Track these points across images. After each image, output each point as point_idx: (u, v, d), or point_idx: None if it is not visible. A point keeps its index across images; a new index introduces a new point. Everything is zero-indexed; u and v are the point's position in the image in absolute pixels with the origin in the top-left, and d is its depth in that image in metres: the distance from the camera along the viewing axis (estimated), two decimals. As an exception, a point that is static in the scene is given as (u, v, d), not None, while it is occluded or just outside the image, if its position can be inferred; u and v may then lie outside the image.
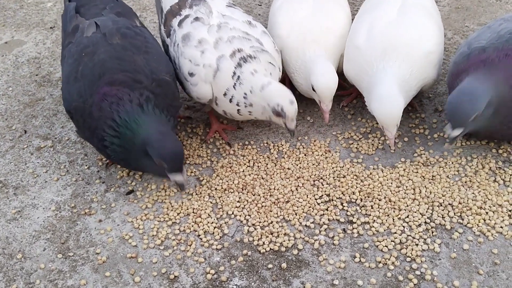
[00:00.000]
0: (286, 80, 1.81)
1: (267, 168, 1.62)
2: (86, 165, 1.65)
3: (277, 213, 1.49)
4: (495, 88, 1.42)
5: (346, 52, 1.71)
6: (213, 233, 1.46)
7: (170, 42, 1.65)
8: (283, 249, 1.41)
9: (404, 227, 1.44)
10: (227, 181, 1.58)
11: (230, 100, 1.55)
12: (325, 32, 1.68)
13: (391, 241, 1.41)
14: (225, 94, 1.54)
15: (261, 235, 1.44)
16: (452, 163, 1.60)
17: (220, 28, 1.57)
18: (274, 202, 1.52)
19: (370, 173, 1.58)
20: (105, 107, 1.42)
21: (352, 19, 1.82)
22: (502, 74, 1.44)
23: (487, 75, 1.45)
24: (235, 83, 1.52)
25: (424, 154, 1.64)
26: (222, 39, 1.55)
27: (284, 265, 1.37)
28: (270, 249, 1.41)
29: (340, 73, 1.73)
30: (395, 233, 1.43)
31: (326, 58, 1.64)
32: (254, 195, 1.54)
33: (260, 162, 1.64)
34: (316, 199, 1.53)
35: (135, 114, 1.41)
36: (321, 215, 1.49)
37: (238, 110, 1.56)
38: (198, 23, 1.59)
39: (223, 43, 1.54)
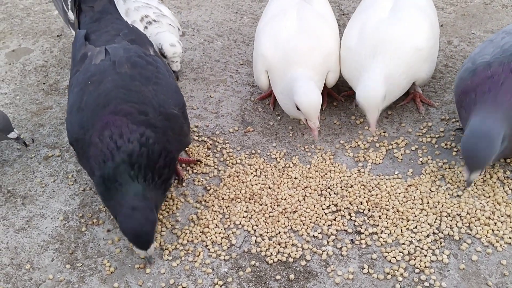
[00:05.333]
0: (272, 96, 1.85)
1: (274, 178, 1.62)
2: (93, 175, 1.66)
3: (284, 224, 1.49)
4: (506, 118, 1.41)
5: (341, 54, 1.74)
6: (221, 243, 1.46)
7: None
8: (291, 260, 1.41)
9: (412, 237, 1.44)
10: (234, 191, 1.58)
11: None
12: (310, 51, 1.66)
13: (400, 252, 1.41)
14: None
15: (269, 246, 1.44)
16: (460, 172, 1.60)
17: (125, 2, 1.89)
18: (282, 212, 1.52)
19: (378, 183, 1.58)
20: (106, 137, 1.34)
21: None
22: (510, 97, 1.43)
23: (496, 105, 1.42)
24: None
25: (431, 163, 1.64)
26: (130, 9, 1.87)
27: (292, 276, 1.37)
28: (278, 260, 1.41)
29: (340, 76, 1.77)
30: (403, 244, 1.43)
31: (308, 77, 1.63)
32: (261, 205, 1.54)
33: (267, 172, 1.64)
34: (323, 209, 1.52)
35: (121, 173, 1.31)
36: (328, 225, 1.49)
37: None
38: None
39: (132, 12, 1.86)
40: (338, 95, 1.87)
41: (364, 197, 1.54)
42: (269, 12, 1.83)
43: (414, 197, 1.53)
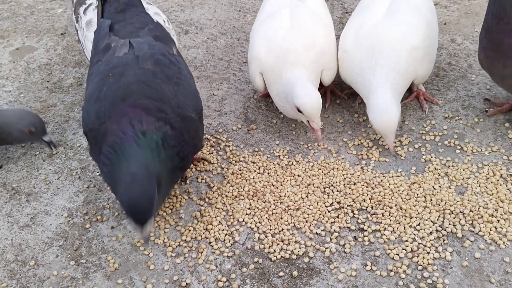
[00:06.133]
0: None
1: (277, 175, 1.62)
2: (97, 172, 1.66)
3: (287, 221, 1.50)
4: None
5: (338, 57, 1.75)
6: (224, 240, 1.46)
7: (78, 28, 1.84)
8: (294, 257, 1.41)
9: (415, 235, 1.44)
10: (238, 188, 1.59)
11: None
12: (303, 50, 1.66)
13: (403, 249, 1.41)
14: None
15: (272, 243, 1.44)
16: (463, 170, 1.60)
17: None
18: (285, 210, 1.52)
19: (381, 180, 1.59)
20: (124, 122, 1.31)
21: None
22: None
23: None
24: None
25: (434, 161, 1.64)
26: None
27: (295, 273, 1.37)
28: (281, 256, 1.42)
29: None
30: (407, 241, 1.43)
31: (305, 78, 1.63)
32: (264, 202, 1.55)
33: (270, 169, 1.64)
34: (326, 207, 1.53)
35: (129, 142, 1.29)
36: (331, 222, 1.49)
37: None
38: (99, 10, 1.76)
39: None
40: (341, 93, 1.87)
41: (367, 195, 1.54)
42: (263, 13, 1.82)
43: (417, 194, 1.54)
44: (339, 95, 1.87)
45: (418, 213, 1.49)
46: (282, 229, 1.47)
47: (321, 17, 1.78)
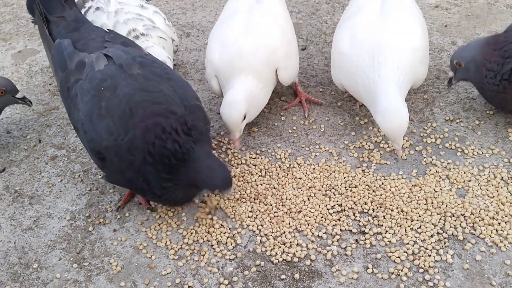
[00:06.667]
0: None
1: (279, 178, 1.63)
2: (100, 174, 1.67)
3: (289, 223, 1.50)
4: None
5: (332, 60, 1.74)
6: (226, 243, 1.47)
7: None
8: (295, 259, 1.42)
9: (416, 237, 1.45)
10: (240, 191, 1.60)
11: None
12: (255, 52, 1.64)
13: (404, 252, 1.42)
14: None
15: (274, 246, 1.45)
16: (464, 172, 1.61)
17: (117, 13, 1.81)
18: (286, 212, 1.53)
19: (382, 183, 1.59)
20: (151, 137, 1.34)
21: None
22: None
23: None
24: None
25: (435, 163, 1.64)
26: (119, 21, 1.79)
27: (297, 276, 1.38)
28: (283, 259, 1.42)
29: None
30: (408, 243, 1.43)
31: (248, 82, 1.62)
32: (266, 205, 1.55)
33: (272, 172, 1.65)
34: (328, 209, 1.53)
35: (187, 143, 1.37)
36: (333, 225, 1.50)
37: None
38: (99, 12, 1.82)
39: (120, 25, 1.78)
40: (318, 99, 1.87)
41: (369, 197, 1.55)
42: (222, 15, 1.81)
43: (418, 197, 1.54)
44: (316, 101, 1.87)
45: (419, 216, 1.50)
46: (284, 232, 1.48)
47: (277, 17, 1.75)
